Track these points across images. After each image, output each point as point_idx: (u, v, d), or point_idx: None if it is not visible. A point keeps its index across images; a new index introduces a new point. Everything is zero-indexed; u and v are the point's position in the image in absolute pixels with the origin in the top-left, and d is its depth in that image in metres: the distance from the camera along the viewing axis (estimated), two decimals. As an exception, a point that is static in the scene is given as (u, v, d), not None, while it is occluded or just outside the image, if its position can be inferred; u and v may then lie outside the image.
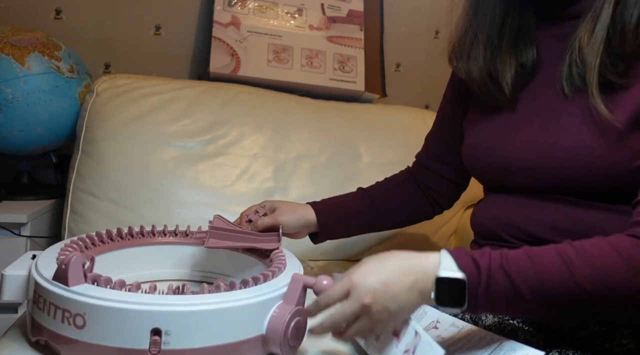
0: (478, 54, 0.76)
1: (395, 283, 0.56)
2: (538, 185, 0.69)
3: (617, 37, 0.62)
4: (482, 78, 0.76)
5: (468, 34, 0.78)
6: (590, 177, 0.64)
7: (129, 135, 1.16)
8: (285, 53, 1.43)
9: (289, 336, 0.61)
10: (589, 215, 0.65)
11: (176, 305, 0.56)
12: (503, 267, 0.55)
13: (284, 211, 0.86)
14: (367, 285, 0.56)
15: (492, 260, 0.55)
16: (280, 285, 0.65)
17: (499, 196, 0.76)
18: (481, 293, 0.54)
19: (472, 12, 0.77)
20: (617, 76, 0.63)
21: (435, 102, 1.79)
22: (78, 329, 0.56)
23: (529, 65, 0.74)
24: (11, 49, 1.14)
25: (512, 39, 0.75)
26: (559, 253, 0.55)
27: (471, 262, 0.55)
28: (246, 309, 0.60)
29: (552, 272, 0.54)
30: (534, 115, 0.71)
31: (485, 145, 0.76)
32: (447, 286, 0.55)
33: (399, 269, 0.57)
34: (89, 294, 0.56)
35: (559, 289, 0.53)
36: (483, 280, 0.54)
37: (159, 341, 0.55)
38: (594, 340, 0.63)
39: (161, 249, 0.85)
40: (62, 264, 0.58)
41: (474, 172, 0.82)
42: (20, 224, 1.13)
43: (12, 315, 1.13)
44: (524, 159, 0.70)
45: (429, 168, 0.94)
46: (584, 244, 0.55)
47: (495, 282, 0.54)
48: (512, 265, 0.55)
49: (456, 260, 0.56)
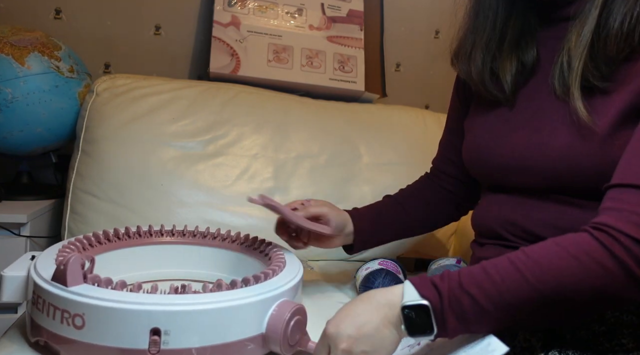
0: (478, 54, 0.77)
1: (367, 323, 0.56)
2: (534, 185, 0.70)
3: (601, 41, 0.63)
4: (482, 77, 0.77)
5: (470, 36, 0.78)
6: (579, 178, 0.64)
7: (129, 135, 1.16)
8: (285, 53, 1.43)
9: (288, 335, 0.61)
10: (587, 215, 0.65)
11: (175, 305, 0.56)
12: (461, 285, 0.55)
13: (329, 208, 0.87)
14: (341, 334, 0.56)
15: (451, 280, 0.56)
16: (279, 284, 0.65)
17: (499, 196, 0.76)
18: (447, 315, 0.55)
19: (474, 14, 0.78)
20: (600, 80, 0.63)
21: (435, 102, 1.80)
22: (77, 330, 0.56)
23: (530, 64, 0.74)
24: (11, 49, 1.14)
25: (515, 38, 0.75)
26: (511, 261, 0.55)
27: (432, 287, 0.56)
28: (245, 308, 0.60)
29: (509, 281, 0.54)
30: (530, 115, 0.72)
31: (485, 145, 0.76)
32: (413, 314, 0.55)
33: (367, 308, 0.58)
34: (88, 294, 0.56)
35: (518, 297, 0.54)
36: (445, 302, 0.55)
37: (158, 341, 0.55)
38: (594, 339, 0.63)
39: (164, 249, 0.85)
40: (61, 264, 0.58)
41: (474, 172, 0.82)
42: (20, 224, 1.13)
43: (11, 315, 1.13)
44: (520, 159, 0.70)
45: (444, 172, 0.96)
46: (533, 248, 0.56)
47: (458, 301, 0.55)
48: (470, 282, 0.55)
49: (417, 288, 0.56)
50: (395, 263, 1.01)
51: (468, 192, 0.94)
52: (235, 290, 0.62)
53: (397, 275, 0.95)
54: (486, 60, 0.76)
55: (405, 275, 1.01)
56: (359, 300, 0.60)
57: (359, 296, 0.61)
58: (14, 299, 0.65)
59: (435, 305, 0.55)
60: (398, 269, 1.00)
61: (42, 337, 0.60)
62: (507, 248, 0.71)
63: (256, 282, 0.65)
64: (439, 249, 1.31)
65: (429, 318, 0.55)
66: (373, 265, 0.99)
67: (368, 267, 0.99)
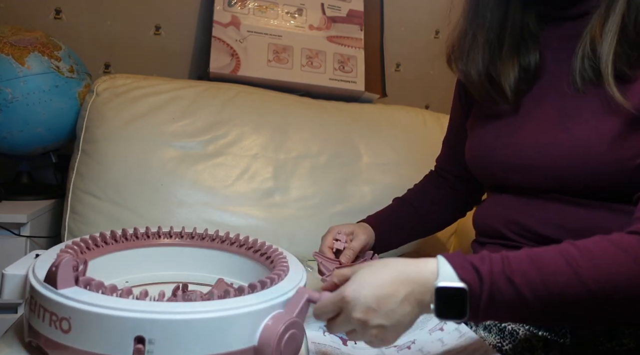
0: (477, 56, 0.76)
1: (389, 296, 0.52)
2: (539, 184, 0.69)
3: (632, 25, 0.62)
4: (481, 81, 0.76)
5: (467, 36, 0.77)
6: (591, 177, 0.64)
7: (129, 135, 1.16)
8: (285, 53, 1.43)
9: (282, 348, 0.57)
10: (592, 215, 0.65)
11: (160, 313, 0.54)
12: (505, 272, 0.52)
13: (360, 232, 0.87)
14: (360, 302, 0.52)
15: (493, 265, 0.53)
16: (275, 295, 0.61)
17: (503, 195, 0.76)
18: (484, 302, 0.52)
19: (472, 14, 0.77)
20: (628, 66, 0.63)
21: (435, 102, 1.80)
22: (64, 333, 0.54)
23: (532, 68, 0.74)
24: (11, 49, 1.14)
25: (515, 42, 0.74)
26: (562, 254, 0.53)
27: (472, 270, 0.52)
28: (236, 319, 0.56)
29: (558, 275, 0.51)
30: (536, 116, 0.71)
31: (488, 145, 0.76)
32: (447, 297, 0.52)
33: (393, 280, 0.53)
34: (74, 298, 0.54)
35: (564, 292, 0.51)
36: (485, 288, 0.51)
37: (142, 350, 0.53)
38: (595, 339, 0.63)
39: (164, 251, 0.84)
40: (53, 266, 0.57)
41: (477, 172, 0.82)
42: (20, 224, 1.13)
43: (12, 315, 1.13)
44: (525, 158, 0.70)
45: (447, 171, 0.97)
46: (586, 244, 0.53)
47: (499, 289, 0.52)
48: (515, 270, 0.52)
49: (455, 268, 0.53)
50: (395, 263, 1.01)
51: (472, 189, 0.95)
52: (227, 299, 0.58)
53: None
54: (486, 60, 0.75)
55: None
56: (384, 269, 0.55)
57: (386, 262, 0.56)
58: (14, 298, 0.64)
59: (474, 291, 0.52)
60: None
61: (34, 339, 0.58)
62: (509, 248, 0.71)
63: (251, 291, 0.61)
64: (439, 248, 1.31)
65: (464, 302, 0.52)
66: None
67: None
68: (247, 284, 0.62)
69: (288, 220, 1.20)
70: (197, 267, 0.86)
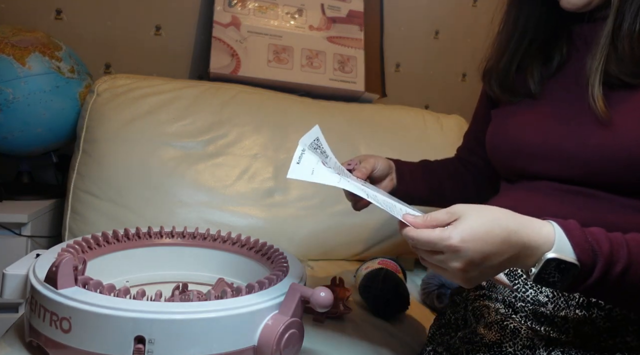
0: (505, 58, 0.81)
1: (495, 254, 0.51)
2: (560, 174, 0.70)
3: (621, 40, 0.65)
4: (508, 71, 0.80)
5: (500, 52, 0.82)
6: (609, 171, 0.65)
7: (129, 135, 1.16)
8: (285, 53, 1.43)
9: (281, 348, 0.57)
10: (606, 209, 0.65)
11: (160, 313, 0.54)
12: (622, 263, 0.51)
13: (369, 156, 0.86)
14: (465, 254, 0.51)
15: (617, 248, 0.52)
16: (274, 295, 0.61)
17: (516, 187, 0.77)
18: (588, 285, 0.51)
19: (506, 36, 0.81)
20: (630, 76, 0.65)
21: (435, 102, 1.80)
22: (64, 333, 0.55)
23: (560, 61, 0.76)
24: (12, 50, 1.14)
25: (545, 38, 0.78)
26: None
27: (590, 252, 0.51)
28: (235, 319, 0.57)
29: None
30: (563, 107, 0.73)
31: (513, 130, 0.77)
32: (554, 268, 0.51)
33: (503, 240, 0.51)
34: (75, 298, 0.54)
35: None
36: (596, 275, 0.51)
37: (142, 349, 0.53)
38: (598, 336, 0.63)
39: (164, 251, 0.84)
40: (53, 266, 0.57)
41: (497, 157, 0.82)
42: (21, 224, 1.13)
43: (13, 314, 1.13)
44: (552, 145, 0.71)
45: (466, 160, 0.98)
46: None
47: (608, 279, 0.51)
48: (635, 261, 0.51)
49: (574, 246, 0.51)
50: (395, 262, 1.01)
51: (487, 179, 0.95)
52: (226, 300, 0.59)
53: (397, 274, 0.96)
54: (512, 61, 0.80)
55: (405, 275, 1.01)
56: (499, 226, 0.52)
57: (497, 216, 0.53)
58: (15, 297, 0.64)
59: (586, 271, 0.51)
60: (398, 268, 1.00)
61: (34, 339, 0.59)
62: None
63: (250, 292, 0.62)
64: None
65: (569, 278, 0.51)
66: (373, 264, 0.99)
67: (368, 266, 0.99)
68: (245, 285, 0.63)
69: (288, 220, 1.20)
70: (197, 266, 0.86)
